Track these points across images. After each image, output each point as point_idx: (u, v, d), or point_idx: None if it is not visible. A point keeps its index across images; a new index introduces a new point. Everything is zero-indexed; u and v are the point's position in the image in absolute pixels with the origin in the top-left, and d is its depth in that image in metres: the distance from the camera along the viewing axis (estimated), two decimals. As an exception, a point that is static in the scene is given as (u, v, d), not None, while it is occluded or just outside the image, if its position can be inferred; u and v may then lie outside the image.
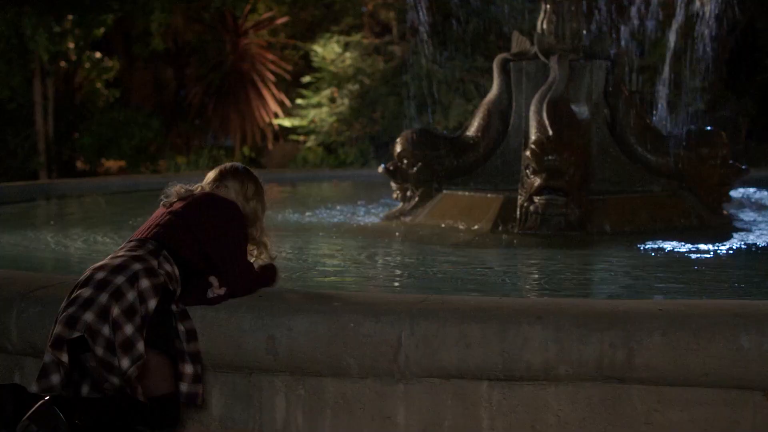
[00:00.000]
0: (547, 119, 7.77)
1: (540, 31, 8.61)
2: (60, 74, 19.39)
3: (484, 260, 6.50)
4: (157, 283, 3.58)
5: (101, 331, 3.49)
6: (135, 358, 3.47)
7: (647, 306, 3.59)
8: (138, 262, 3.61)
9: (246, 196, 4.03)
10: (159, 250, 3.70)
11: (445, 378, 3.61)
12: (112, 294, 3.52)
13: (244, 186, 4.05)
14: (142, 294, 3.55)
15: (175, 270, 3.70)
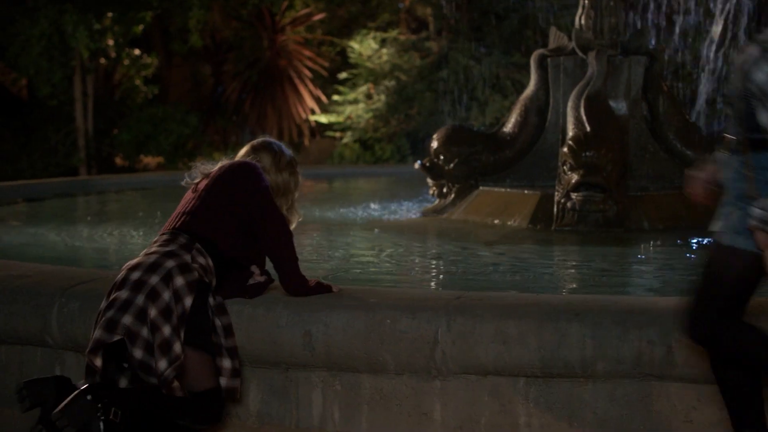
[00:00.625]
0: (585, 115, 7.73)
1: (578, 26, 8.56)
2: (100, 71, 19.57)
3: (520, 257, 6.48)
4: (192, 280, 3.57)
5: (140, 333, 3.50)
6: (172, 359, 3.48)
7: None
8: (171, 259, 3.60)
9: (278, 166, 3.98)
10: (191, 243, 3.68)
11: (482, 374, 3.60)
12: (147, 295, 3.52)
13: (277, 156, 4.00)
14: (177, 292, 3.55)
15: (209, 261, 3.68)
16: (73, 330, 3.96)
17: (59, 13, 16.25)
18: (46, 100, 17.67)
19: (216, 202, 3.78)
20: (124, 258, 4.14)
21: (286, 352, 3.74)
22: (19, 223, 9.12)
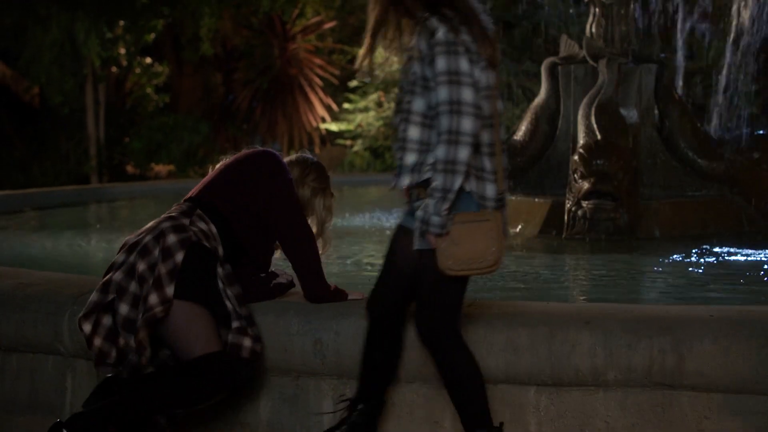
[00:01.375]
0: (596, 123, 7.72)
1: (589, 34, 8.56)
2: (111, 79, 19.64)
3: (531, 265, 6.47)
4: (184, 238, 3.52)
5: (128, 288, 3.50)
6: (164, 298, 3.44)
7: (698, 312, 3.56)
8: (167, 221, 3.59)
9: (303, 180, 3.86)
10: (193, 209, 3.66)
11: (493, 383, 3.59)
12: (138, 252, 3.53)
13: (304, 172, 3.88)
14: (168, 249, 3.50)
15: (211, 228, 3.63)
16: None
17: (71, 22, 16.33)
18: (57, 108, 17.74)
19: (230, 177, 3.75)
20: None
21: (296, 360, 3.74)
22: (31, 232, 9.16)
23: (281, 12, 21.12)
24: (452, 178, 3.13)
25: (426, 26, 3.17)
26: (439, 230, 3.17)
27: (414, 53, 3.23)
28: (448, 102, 3.11)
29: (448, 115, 3.11)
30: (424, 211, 3.18)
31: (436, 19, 3.16)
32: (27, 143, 18.71)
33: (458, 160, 3.12)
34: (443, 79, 3.12)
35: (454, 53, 3.12)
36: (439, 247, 3.20)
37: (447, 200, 3.14)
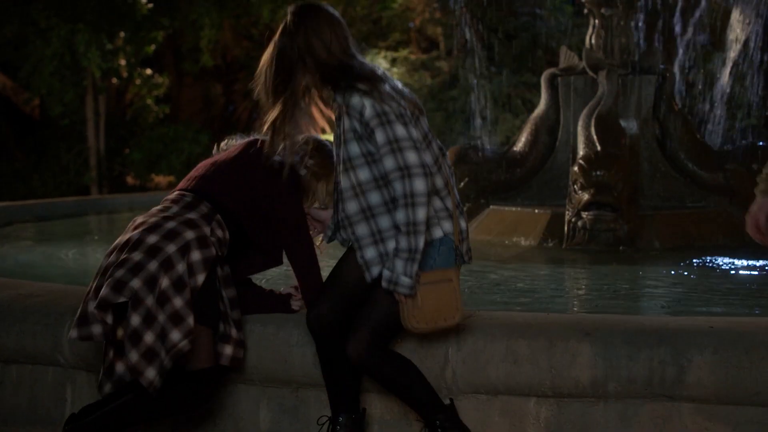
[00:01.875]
0: (596, 134, 7.73)
1: (588, 45, 8.57)
2: (111, 91, 19.66)
3: (531, 276, 6.47)
4: (209, 257, 3.49)
5: (145, 300, 3.41)
6: (186, 332, 3.40)
7: (698, 323, 3.55)
8: (191, 230, 3.50)
9: (303, 163, 3.76)
10: (213, 214, 3.60)
11: (493, 394, 3.59)
12: (162, 263, 3.43)
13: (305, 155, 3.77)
14: (192, 267, 3.46)
15: (226, 235, 3.62)
16: (85, 349, 3.97)
17: (71, 33, 16.35)
18: (58, 119, 17.76)
19: (234, 172, 3.70)
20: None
21: (296, 371, 3.74)
22: (31, 243, 9.15)
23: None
24: (415, 238, 3.30)
25: (351, 106, 3.35)
26: (408, 291, 3.33)
27: (348, 135, 3.39)
28: (396, 169, 3.29)
29: (399, 180, 3.29)
30: (391, 271, 3.33)
31: (357, 96, 3.34)
32: (27, 154, 18.72)
33: (418, 221, 3.29)
34: (386, 149, 3.30)
35: (388, 122, 3.31)
36: (404, 304, 3.36)
37: (415, 261, 3.32)
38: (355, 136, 3.38)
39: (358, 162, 3.39)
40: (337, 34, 3.47)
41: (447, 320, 3.42)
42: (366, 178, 3.39)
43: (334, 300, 3.55)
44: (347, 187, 3.42)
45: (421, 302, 3.37)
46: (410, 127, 3.34)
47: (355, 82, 3.37)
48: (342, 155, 3.43)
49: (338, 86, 3.44)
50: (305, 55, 3.45)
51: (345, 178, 3.42)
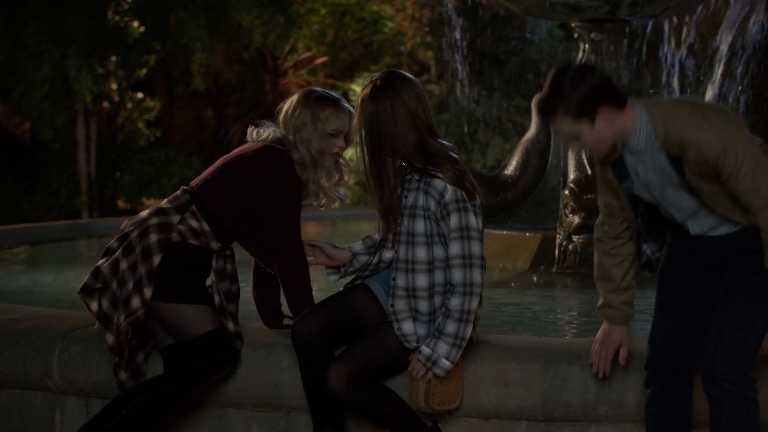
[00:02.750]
0: (586, 158, 7.74)
1: (578, 70, 8.60)
2: (103, 114, 19.66)
3: (522, 299, 6.47)
4: (163, 239, 3.57)
5: (111, 284, 3.59)
6: (129, 313, 3.53)
7: (688, 347, 3.55)
8: (156, 217, 3.64)
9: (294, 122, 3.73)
10: (188, 205, 3.68)
11: (484, 418, 3.59)
12: (124, 248, 3.60)
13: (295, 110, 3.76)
14: (148, 249, 3.57)
15: (203, 225, 3.66)
16: (75, 374, 3.95)
17: (63, 58, 16.37)
18: (48, 143, 17.74)
19: (228, 174, 3.74)
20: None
21: (287, 395, 3.73)
22: (21, 267, 9.12)
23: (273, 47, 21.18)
24: (466, 326, 3.41)
25: (433, 186, 3.42)
26: (444, 374, 3.40)
27: (419, 211, 3.46)
28: (461, 256, 3.40)
29: (461, 268, 3.41)
30: (432, 350, 3.39)
31: (440, 179, 3.41)
32: (18, 178, 18.68)
33: (472, 310, 3.42)
34: (456, 234, 3.41)
35: (465, 210, 3.43)
36: (420, 384, 3.42)
37: (461, 348, 3.42)
38: (426, 215, 3.46)
39: (420, 240, 3.47)
40: (424, 107, 3.52)
41: (451, 404, 3.49)
42: (421, 259, 3.47)
43: (329, 318, 3.56)
44: (402, 258, 3.50)
45: (434, 386, 3.43)
46: (479, 218, 3.48)
47: (441, 163, 3.44)
48: (407, 228, 3.49)
49: (418, 160, 3.48)
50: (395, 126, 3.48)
51: (403, 250, 3.50)
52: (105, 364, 3.87)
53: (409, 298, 3.48)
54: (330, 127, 3.74)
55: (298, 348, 3.57)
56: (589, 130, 3.13)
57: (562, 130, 3.17)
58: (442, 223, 3.44)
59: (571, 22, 8.61)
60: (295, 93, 3.94)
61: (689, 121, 3.09)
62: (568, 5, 8.08)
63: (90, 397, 3.98)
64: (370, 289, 3.67)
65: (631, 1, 7.91)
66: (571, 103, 3.10)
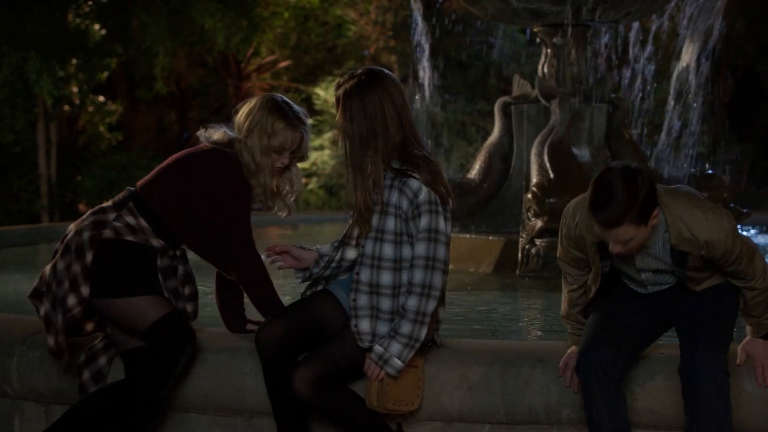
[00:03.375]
0: (548, 162, 7.79)
1: (541, 74, 8.66)
2: (63, 118, 19.49)
3: (485, 303, 6.49)
4: (95, 236, 3.58)
5: (51, 285, 3.60)
6: (65, 311, 3.54)
7: (649, 349, 3.58)
8: (93, 215, 3.67)
9: (244, 127, 3.69)
10: (126, 202, 3.68)
11: (447, 422, 3.59)
12: (63, 248, 3.64)
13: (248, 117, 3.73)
14: (80, 247, 3.59)
15: (140, 222, 3.65)
16: (33, 379, 3.91)
17: (23, 61, 16.20)
18: (9, 147, 17.55)
19: (170, 174, 3.71)
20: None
21: (250, 400, 3.71)
22: (-20, 271, 9.01)
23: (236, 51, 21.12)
24: (420, 328, 3.41)
25: (409, 185, 3.41)
26: (395, 373, 3.40)
27: (391, 209, 3.45)
28: (425, 257, 3.40)
29: (423, 269, 3.40)
30: (384, 349, 3.39)
31: (416, 179, 3.41)
32: (-23, 182, 18.47)
33: (428, 312, 3.42)
34: (424, 235, 3.40)
35: (436, 212, 3.42)
36: (373, 383, 3.42)
37: (413, 349, 3.41)
38: (397, 213, 3.45)
39: (388, 237, 3.46)
40: (407, 107, 3.54)
41: (407, 406, 3.48)
42: (387, 256, 3.46)
43: (292, 324, 3.55)
44: (369, 254, 3.49)
45: (387, 385, 3.42)
46: (449, 223, 3.47)
47: (418, 164, 3.45)
48: (377, 224, 3.48)
49: (397, 160, 3.48)
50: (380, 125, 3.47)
51: (370, 245, 3.49)
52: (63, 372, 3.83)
53: (371, 294, 3.48)
54: (275, 142, 3.71)
55: (262, 354, 3.55)
56: (645, 231, 3.23)
57: (621, 235, 3.20)
58: (412, 222, 3.44)
59: (534, 27, 8.67)
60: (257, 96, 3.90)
61: (702, 224, 3.28)
62: (530, 10, 8.13)
63: (50, 403, 3.93)
64: (334, 295, 3.66)
65: (591, 6, 7.98)
66: (636, 210, 3.17)
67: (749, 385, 3.38)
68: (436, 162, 3.51)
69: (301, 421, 3.57)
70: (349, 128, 3.47)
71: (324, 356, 3.47)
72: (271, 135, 3.69)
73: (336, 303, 3.63)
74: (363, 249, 3.52)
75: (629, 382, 3.41)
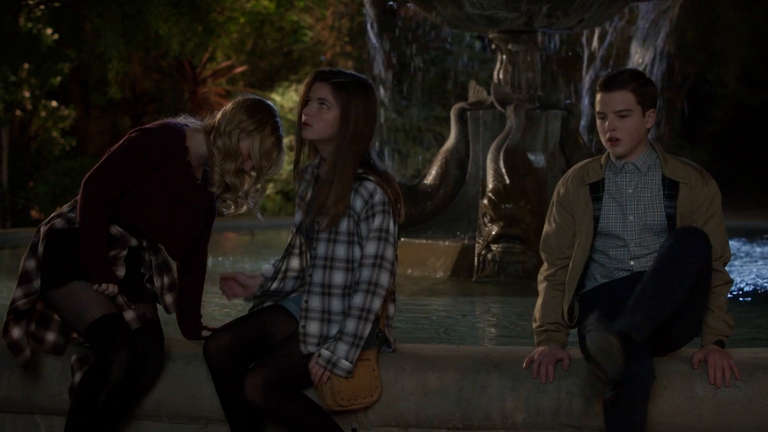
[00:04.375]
0: (504, 168, 7.83)
1: (496, 80, 8.71)
2: (15, 123, 19.24)
3: (441, 308, 6.50)
4: (48, 229, 3.66)
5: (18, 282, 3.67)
6: (27, 292, 3.60)
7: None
8: (55, 210, 3.79)
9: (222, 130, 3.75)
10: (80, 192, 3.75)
11: (403, 427, 3.59)
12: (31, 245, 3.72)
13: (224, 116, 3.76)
14: (35, 243, 3.67)
15: None
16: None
17: (-27, 65, 15.98)
18: (-41, 152, 17.30)
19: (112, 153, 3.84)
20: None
21: (205, 407, 3.69)
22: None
23: (191, 56, 21.01)
24: (365, 325, 3.44)
25: (364, 186, 3.48)
26: (345, 375, 3.42)
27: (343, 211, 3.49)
28: (374, 256, 3.45)
29: (371, 267, 3.45)
30: (331, 352, 3.41)
31: (371, 181, 3.49)
32: (-73, 188, 18.18)
33: (373, 310, 3.44)
34: (375, 235, 3.46)
35: (388, 213, 3.49)
36: (323, 383, 3.42)
37: (359, 347, 3.43)
38: (350, 213, 3.49)
39: (342, 238, 3.50)
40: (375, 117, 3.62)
41: (366, 398, 3.49)
42: (340, 256, 3.49)
43: (241, 335, 3.57)
44: (322, 255, 3.51)
45: (338, 383, 3.43)
46: (396, 225, 3.54)
47: (374, 168, 3.54)
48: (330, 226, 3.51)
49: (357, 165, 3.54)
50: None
51: (322, 247, 3.51)
52: (15, 379, 3.78)
53: (324, 295, 3.50)
54: (261, 150, 3.78)
55: (210, 364, 3.56)
56: (639, 117, 3.55)
57: (621, 101, 3.53)
58: (363, 223, 3.48)
59: (489, 34, 8.71)
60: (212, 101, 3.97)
61: (692, 170, 3.59)
62: (485, 17, 8.18)
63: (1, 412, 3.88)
64: (285, 308, 3.68)
65: (546, 13, 8.04)
66: (639, 84, 3.55)
67: (701, 388, 3.42)
68: (385, 165, 3.61)
69: (256, 429, 3.56)
70: (344, 126, 3.52)
71: (274, 362, 3.47)
72: (262, 141, 3.77)
73: (287, 315, 3.65)
74: (315, 252, 3.54)
75: (585, 387, 3.43)
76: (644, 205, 3.59)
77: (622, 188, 3.62)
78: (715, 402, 3.40)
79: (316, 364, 3.43)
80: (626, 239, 3.61)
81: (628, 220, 3.60)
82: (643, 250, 3.59)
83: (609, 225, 3.63)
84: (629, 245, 3.61)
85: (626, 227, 3.61)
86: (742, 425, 3.41)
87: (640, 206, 3.60)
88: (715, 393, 3.40)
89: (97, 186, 3.67)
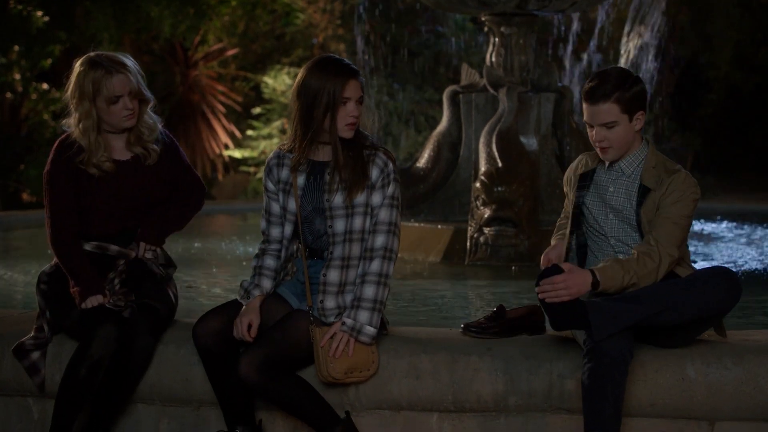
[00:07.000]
0: (497, 151, 7.83)
1: (489, 63, 8.70)
2: (6, 106, 19.17)
3: (433, 291, 6.51)
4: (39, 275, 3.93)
5: None
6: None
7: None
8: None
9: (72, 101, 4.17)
10: None
11: (396, 410, 3.60)
12: None
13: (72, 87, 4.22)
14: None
15: None
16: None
17: (-38, 48, 15.91)
18: (-51, 135, 17.24)
19: None
20: (31, 295, 4.06)
21: (197, 390, 3.69)
22: None
23: (183, 38, 20.95)
24: (384, 290, 3.53)
25: (379, 156, 3.59)
26: (370, 341, 3.47)
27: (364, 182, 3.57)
28: (389, 223, 3.56)
29: (386, 234, 3.55)
30: (354, 320, 3.45)
31: (382, 152, 3.57)
32: None
33: (390, 274, 3.54)
34: (389, 202, 3.57)
35: (397, 182, 3.62)
36: (321, 355, 3.44)
37: (380, 312, 3.51)
38: (367, 184, 3.55)
39: (359, 210, 3.56)
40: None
41: (362, 372, 3.50)
42: (357, 228, 3.56)
43: (230, 318, 3.57)
44: (341, 231, 3.56)
45: (337, 353, 3.45)
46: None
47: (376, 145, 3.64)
48: (343, 201, 3.57)
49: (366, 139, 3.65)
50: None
51: (340, 223, 3.56)
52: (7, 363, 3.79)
53: (343, 268, 3.56)
54: (102, 95, 4.18)
55: (200, 348, 3.58)
56: (626, 124, 3.50)
57: (606, 113, 3.48)
58: (378, 192, 3.56)
59: (481, 16, 8.69)
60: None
61: (678, 174, 3.53)
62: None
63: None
64: (278, 293, 3.69)
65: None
66: (627, 94, 3.47)
67: (692, 370, 3.43)
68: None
69: (248, 409, 3.57)
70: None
71: (270, 341, 3.48)
72: (96, 93, 4.13)
73: (278, 298, 3.65)
74: (332, 229, 3.58)
75: (577, 370, 3.44)
76: (620, 207, 3.62)
77: (606, 185, 3.66)
78: (706, 384, 3.42)
79: (340, 333, 3.46)
80: (606, 234, 3.66)
81: (609, 218, 3.65)
82: (625, 247, 3.62)
83: (591, 216, 3.69)
84: (609, 240, 3.65)
85: (607, 222, 3.66)
86: (732, 407, 3.43)
87: (617, 206, 3.62)
88: (707, 375, 3.42)
89: (53, 236, 3.81)
